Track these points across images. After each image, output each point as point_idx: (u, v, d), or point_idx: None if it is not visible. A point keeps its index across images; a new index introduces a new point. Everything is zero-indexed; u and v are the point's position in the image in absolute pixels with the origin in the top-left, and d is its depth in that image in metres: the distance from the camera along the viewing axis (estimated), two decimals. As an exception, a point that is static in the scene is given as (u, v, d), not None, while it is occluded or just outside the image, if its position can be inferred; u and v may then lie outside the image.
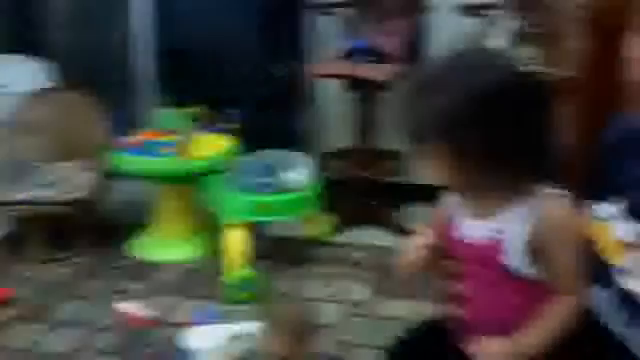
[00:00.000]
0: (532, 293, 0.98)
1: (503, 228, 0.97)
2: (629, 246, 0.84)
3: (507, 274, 0.97)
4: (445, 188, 1.07)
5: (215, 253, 2.72)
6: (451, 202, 1.10)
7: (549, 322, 0.95)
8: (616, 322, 0.87)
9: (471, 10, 2.98)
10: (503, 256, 0.96)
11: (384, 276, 2.73)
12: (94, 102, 3.17)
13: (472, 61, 0.97)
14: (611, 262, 0.85)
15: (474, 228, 1.02)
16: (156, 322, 2.38)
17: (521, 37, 2.69)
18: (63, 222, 2.93)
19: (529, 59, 2.62)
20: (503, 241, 0.96)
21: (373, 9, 3.25)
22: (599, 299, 0.91)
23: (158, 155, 2.77)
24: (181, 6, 4.91)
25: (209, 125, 3.08)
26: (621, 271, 0.83)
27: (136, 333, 2.32)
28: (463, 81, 0.92)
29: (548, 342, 0.94)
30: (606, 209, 0.90)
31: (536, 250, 0.95)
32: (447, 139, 0.93)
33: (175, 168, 2.74)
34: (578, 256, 0.93)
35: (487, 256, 0.98)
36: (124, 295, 2.57)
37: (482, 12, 2.97)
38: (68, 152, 3.11)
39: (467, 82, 0.92)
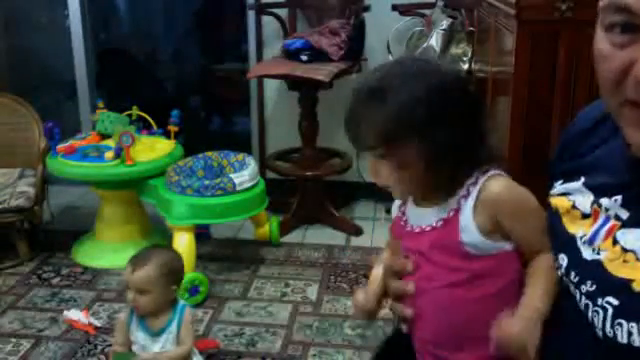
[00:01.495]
0: (496, 283, 0.99)
1: (454, 208, 1.00)
2: (586, 216, 0.89)
3: (468, 256, 0.98)
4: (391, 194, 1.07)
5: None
6: (400, 206, 1.11)
7: (543, 277, 0.95)
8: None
9: (407, 9, 3.05)
10: (462, 233, 0.98)
11: (334, 274, 2.76)
12: (31, 107, 3.09)
13: (413, 67, 0.99)
14: (570, 231, 0.90)
15: (426, 216, 1.03)
16: (101, 329, 2.34)
17: (455, 35, 2.76)
18: (4, 230, 2.85)
19: (462, 57, 2.70)
20: (457, 220, 0.99)
21: (313, 9, 3.28)
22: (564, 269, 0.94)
23: (98, 160, 2.73)
24: (118, 7, 4.84)
25: (150, 128, 3.04)
26: (581, 239, 0.88)
27: (82, 341, 2.28)
28: (408, 87, 0.95)
29: (552, 297, 0.94)
30: (567, 186, 0.93)
31: (491, 227, 0.98)
32: (395, 144, 0.96)
33: (116, 173, 2.70)
34: (538, 220, 0.97)
35: (445, 239, 1.00)
36: (69, 303, 2.53)
37: (418, 11, 3.04)
38: (6, 159, 3.03)
39: (412, 87, 0.95)
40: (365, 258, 2.89)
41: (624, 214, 0.82)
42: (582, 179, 0.91)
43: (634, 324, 0.77)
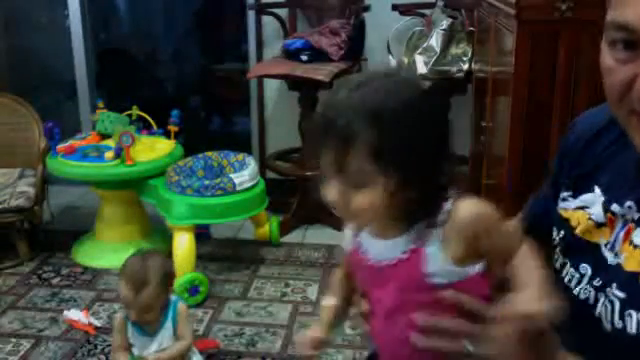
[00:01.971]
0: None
1: (419, 238, 0.91)
2: (600, 225, 0.90)
3: (434, 288, 0.90)
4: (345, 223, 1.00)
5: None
6: (354, 237, 1.01)
7: (532, 261, 0.91)
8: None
9: (407, 9, 3.05)
10: (428, 264, 0.90)
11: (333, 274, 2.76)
12: (31, 107, 3.09)
13: (380, 83, 0.90)
14: (593, 241, 0.92)
15: (387, 248, 0.94)
16: (101, 329, 2.34)
17: (455, 35, 2.76)
18: (4, 230, 2.85)
19: (462, 57, 2.70)
20: (423, 251, 0.91)
21: (313, 9, 3.28)
22: (569, 273, 0.95)
23: (98, 160, 2.73)
24: (118, 7, 4.84)
25: (150, 128, 3.04)
26: (605, 247, 0.90)
27: (82, 341, 2.28)
28: (374, 105, 0.87)
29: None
30: (582, 198, 0.94)
31: (463, 253, 0.90)
32: (359, 167, 0.87)
33: (116, 173, 2.70)
34: (510, 236, 0.93)
35: (410, 272, 0.91)
36: (69, 303, 2.53)
37: (418, 11, 3.04)
38: (6, 159, 3.03)
39: (377, 107, 0.86)
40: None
41: (637, 216, 0.85)
42: (595, 189, 0.92)
43: (635, 313, 0.81)
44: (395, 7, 3.05)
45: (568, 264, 0.96)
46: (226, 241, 3.10)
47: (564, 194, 0.97)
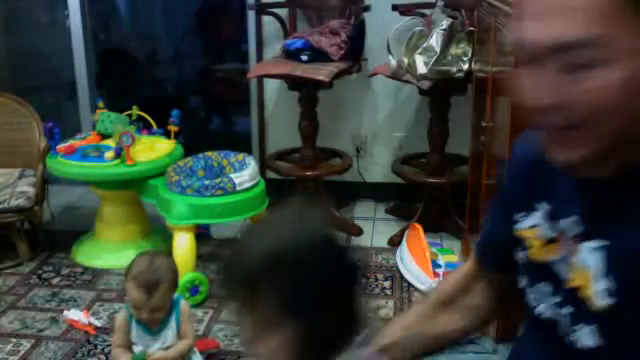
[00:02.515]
0: None
1: None
2: (552, 242, 0.92)
3: None
4: None
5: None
6: None
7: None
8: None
9: (407, 9, 3.05)
10: None
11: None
12: (31, 107, 3.09)
13: (286, 230, 0.88)
14: (545, 259, 0.93)
15: None
16: (101, 329, 2.34)
17: (455, 35, 2.76)
18: (4, 230, 2.85)
19: (462, 57, 2.70)
20: None
21: (313, 9, 3.28)
22: (530, 292, 0.97)
23: (98, 160, 2.73)
24: (118, 7, 4.84)
25: (150, 128, 3.04)
26: (554, 263, 0.91)
27: (82, 341, 2.28)
28: (277, 252, 0.84)
29: None
30: (534, 216, 0.96)
31: None
32: (265, 313, 0.84)
33: (116, 173, 2.70)
34: None
35: None
36: (69, 303, 2.53)
37: (418, 11, 3.04)
38: (6, 159, 3.03)
39: (281, 253, 0.83)
40: (365, 258, 2.89)
41: (581, 230, 0.87)
42: (544, 206, 0.94)
43: (584, 326, 0.85)
44: (395, 7, 3.05)
45: (530, 283, 0.97)
46: (226, 241, 3.10)
47: (517, 215, 0.99)
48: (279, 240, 0.85)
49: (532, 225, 0.95)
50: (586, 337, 0.85)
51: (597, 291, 0.82)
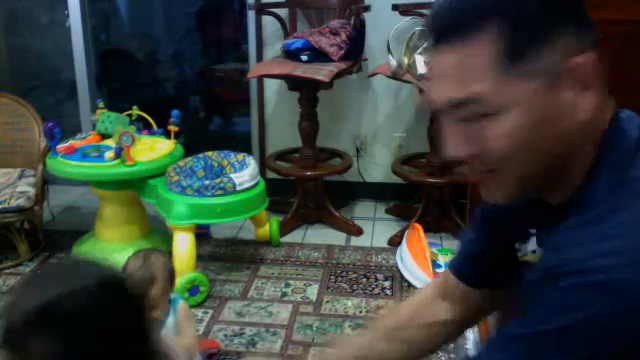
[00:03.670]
0: None
1: None
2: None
3: None
4: None
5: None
6: None
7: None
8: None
9: (407, 9, 3.05)
10: None
11: (334, 274, 2.76)
12: (31, 107, 3.09)
13: (58, 284, 0.81)
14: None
15: None
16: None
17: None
18: (4, 230, 2.85)
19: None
20: None
21: (313, 9, 3.28)
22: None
23: (98, 160, 2.73)
24: (118, 7, 4.84)
25: (150, 128, 3.04)
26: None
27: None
28: (47, 307, 0.79)
29: None
30: (529, 245, 1.00)
31: None
32: None
33: (116, 173, 2.69)
34: None
35: None
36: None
37: (418, 11, 3.04)
38: (6, 159, 3.03)
39: (51, 308, 0.78)
40: (365, 258, 2.89)
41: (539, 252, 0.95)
42: (534, 232, 0.99)
43: None
44: (395, 7, 3.05)
45: None
46: (226, 241, 3.10)
47: (517, 245, 1.03)
48: (47, 293, 0.79)
49: (532, 250, 0.99)
50: None
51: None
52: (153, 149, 2.83)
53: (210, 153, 2.84)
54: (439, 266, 2.65)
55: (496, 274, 1.09)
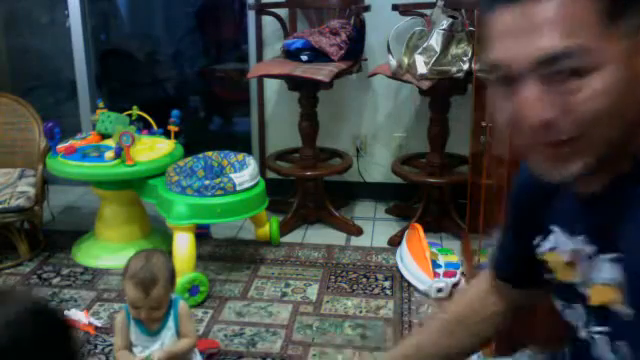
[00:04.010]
0: None
1: None
2: (570, 262, 0.92)
3: None
4: None
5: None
6: None
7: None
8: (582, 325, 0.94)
9: (407, 9, 3.05)
10: None
11: (334, 274, 2.76)
12: (31, 107, 3.09)
13: None
14: (569, 280, 0.93)
15: None
16: (101, 329, 2.34)
17: (455, 35, 2.76)
18: (4, 230, 2.85)
19: (462, 57, 2.70)
20: None
21: (313, 9, 3.28)
22: (568, 314, 0.98)
23: (98, 160, 2.73)
24: (118, 7, 4.84)
25: (150, 128, 3.04)
26: (577, 284, 0.92)
27: (82, 341, 2.28)
28: None
29: None
30: (551, 239, 0.97)
31: None
32: None
33: (116, 173, 2.70)
34: None
35: None
36: (69, 303, 2.52)
37: (418, 11, 3.04)
38: (6, 159, 3.03)
39: None
40: (365, 258, 2.89)
41: (591, 248, 0.88)
42: (555, 229, 0.96)
43: (617, 342, 0.84)
44: (395, 7, 3.05)
45: (563, 306, 0.99)
46: (226, 241, 3.10)
47: (536, 240, 1.00)
48: None
49: (551, 248, 0.97)
50: (615, 351, 0.85)
51: (620, 305, 0.82)
52: (153, 149, 2.84)
53: (210, 153, 2.84)
54: (439, 266, 2.65)
55: (524, 274, 1.08)
